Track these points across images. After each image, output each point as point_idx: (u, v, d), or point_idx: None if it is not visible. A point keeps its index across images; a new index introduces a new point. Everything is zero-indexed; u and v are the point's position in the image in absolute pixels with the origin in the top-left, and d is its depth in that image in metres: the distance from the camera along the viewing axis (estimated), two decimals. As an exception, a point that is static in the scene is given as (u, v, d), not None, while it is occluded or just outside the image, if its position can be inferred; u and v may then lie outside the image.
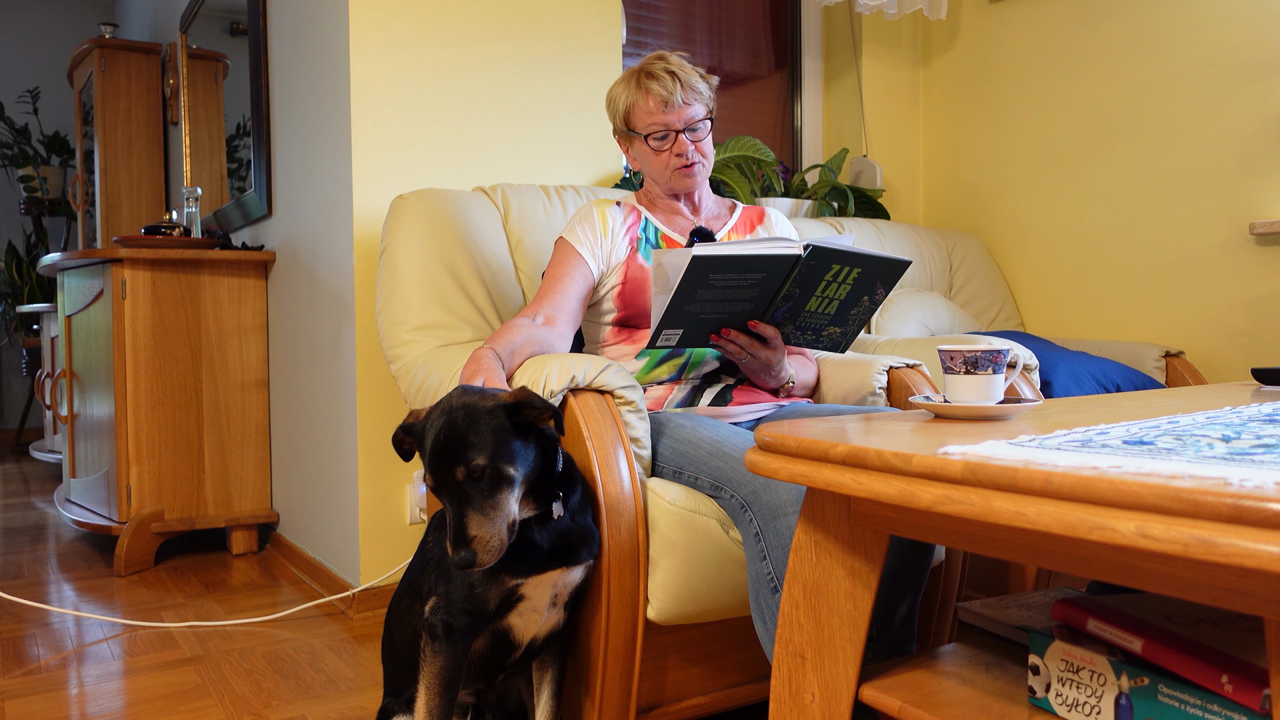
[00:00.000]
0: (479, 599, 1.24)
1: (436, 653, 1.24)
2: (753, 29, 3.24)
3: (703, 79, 1.72)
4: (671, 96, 1.65)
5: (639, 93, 1.68)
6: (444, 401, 1.19)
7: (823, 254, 1.45)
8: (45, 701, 1.76)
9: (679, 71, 1.68)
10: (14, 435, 5.58)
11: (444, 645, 1.23)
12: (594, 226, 1.71)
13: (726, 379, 1.67)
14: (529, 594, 1.27)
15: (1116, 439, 0.85)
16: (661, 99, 1.66)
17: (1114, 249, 2.78)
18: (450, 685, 1.24)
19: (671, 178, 1.71)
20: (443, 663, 1.24)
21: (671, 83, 1.66)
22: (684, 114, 1.67)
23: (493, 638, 1.31)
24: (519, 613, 1.29)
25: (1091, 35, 2.81)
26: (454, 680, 1.24)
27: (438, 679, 1.24)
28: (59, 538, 3.14)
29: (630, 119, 1.71)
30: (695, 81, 1.69)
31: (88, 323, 2.96)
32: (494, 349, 1.42)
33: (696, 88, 1.69)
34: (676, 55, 1.71)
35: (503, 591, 1.24)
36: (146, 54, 4.20)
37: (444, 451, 1.14)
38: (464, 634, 1.24)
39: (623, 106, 1.72)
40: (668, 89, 1.66)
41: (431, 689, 1.24)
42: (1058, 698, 0.95)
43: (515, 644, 1.32)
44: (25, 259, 5.33)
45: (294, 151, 2.62)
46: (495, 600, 1.24)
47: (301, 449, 2.63)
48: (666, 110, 1.66)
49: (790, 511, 1.27)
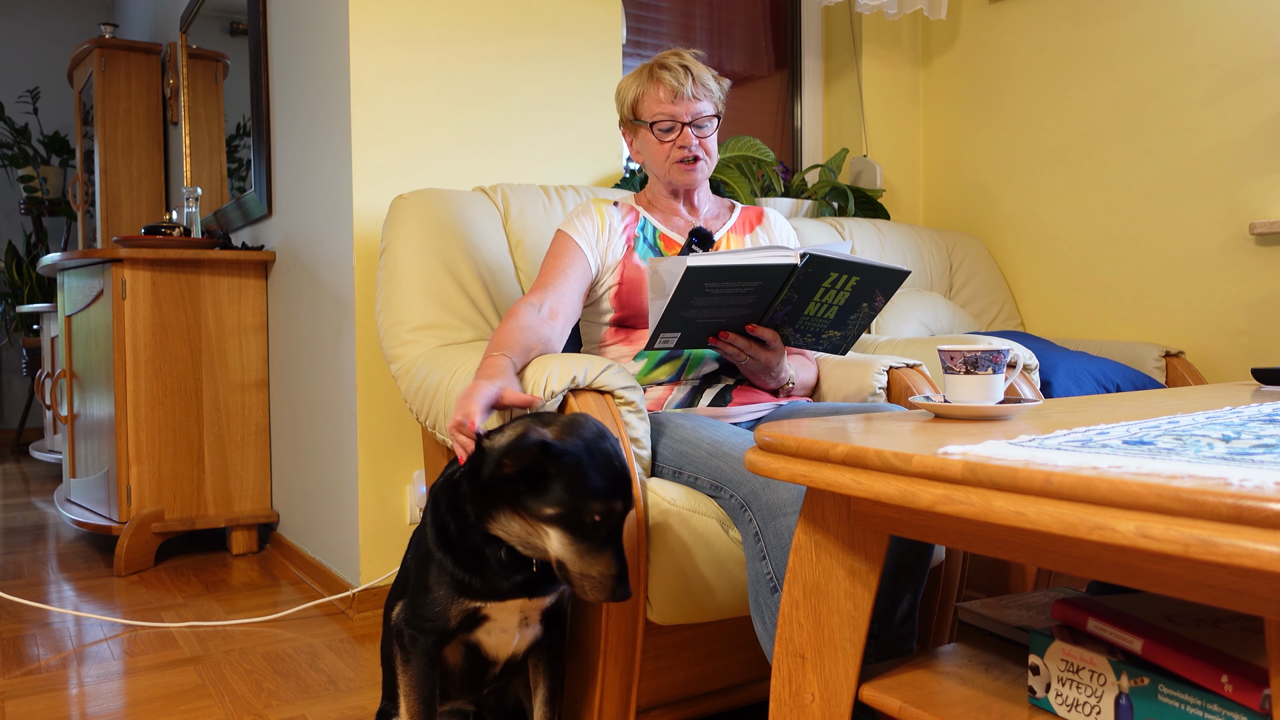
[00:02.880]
0: (439, 616, 1.24)
1: (406, 661, 1.26)
2: (753, 29, 3.24)
3: (715, 79, 1.72)
4: (682, 88, 1.66)
5: (650, 82, 1.69)
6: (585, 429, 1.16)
7: (820, 262, 1.45)
8: (45, 701, 1.76)
9: (692, 67, 1.69)
10: (14, 435, 5.58)
11: (410, 654, 1.25)
12: (593, 221, 1.71)
13: (726, 380, 1.67)
14: (495, 615, 1.26)
15: (1116, 439, 0.85)
16: (672, 89, 1.66)
17: (1114, 249, 2.78)
18: (423, 690, 1.25)
19: (671, 170, 1.71)
20: (414, 670, 1.25)
21: (683, 75, 1.67)
22: (692, 107, 1.67)
23: (467, 652, 1.31)
24: (487, 630, 1.28)
25: (1091, 35, 2.81)
26: (425, 685, 1.26)
27: (413, 686, 1.26)
28: (59, 538, 3.14)
29: (638, 108, 1.71)
30: (707, 78, 1.70)
31: (88, 323, 2.96)
32: (509, 356, 1.41)
33: (707, 84, 1.69)
34: (691, 53, 1.72)
35: (463, 610, 1.24)
36: (146, 54, 4.20)
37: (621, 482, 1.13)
38: (428, 646, 1.25)
39: (631, 96, 1.72)
40: (679, 80, 1.66)
41: (409, 695, 1.26)
42: (1058, 698, 0.95)
43: (491, 660, 1.32)
44: (25, 259, 5.33)
45: (294, 151, 2.62)
46: (456, 618, 1.25)
47: (301, 449, 2.63)
48: (675, 101, 1.67)
49: (789, 511, 1.27)
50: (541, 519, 1.13)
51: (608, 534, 1.13)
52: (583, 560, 1.12)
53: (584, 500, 1.11)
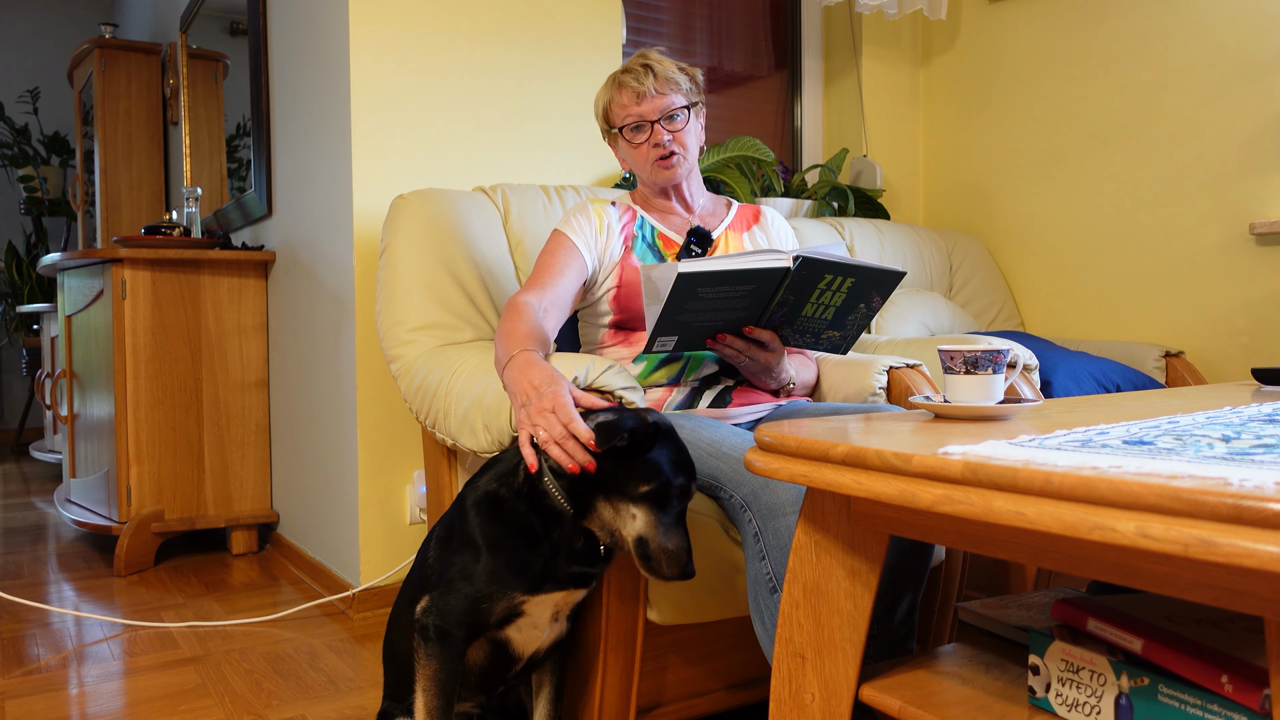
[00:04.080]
0: (483, 614, 1.24)
1: (430, 655, 1.24)
2: (753, 29, 3.24)
3: (683, 71, 1.71)
4: (643, 87, 1.66)
5: (615, 89, 1.70)
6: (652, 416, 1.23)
7: (814, 265, 1.44)
8: (45, 701, 1.76)
9: (654, 65, 1.68)
10: (14, 435, 5.58)
11: (437, 648, 1.24)
12: (590, 222, 1.71)
13: (726, 381, 1.67)
14: (531, 611, 1.27)
15: (1116, 439, 0.85)
16: (634, 91, 1.67)
17: (1114, 249, 2.78)
18: (446, 687, 1.24)
19: (652, 170, 1.71)
20: (437, 665, 1.24)
21: (644, 74, 1.67)
22: (658, 103, 1.67)
23: (492, 649, 1.31)
24: (518, 627, 1.28)
25: (1092, 35, 2.81)
26: (450, 682, 1.24)
27: (433, 681, 1.24)
28: (59, 538, 3.14)
29: (609, 116, 1.72)
30: (671, 72, 1.69)
31: (88, 323, 2.96)
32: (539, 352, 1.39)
33: (672, 78, 1.68)
34: (656, 51, 1.72)
35: (509, 607, 1.24)
36: (146, 54, 4.20)
37: (692, 464, 1.25)
38: (459, 640, 1.24)
39: (602, 106, 1.74)
40: (639, 80, 1.67)
41: (429, 691, 1.24)
42: (1058, 698, 0.95)
43: (515, 657, 1.32)
44: (25, 259, 5.33)
45: (294, 151, 2.62)
46: (501, 613, 1.24)
47: (301, 449, 2.63)
48: (639, 101, 1.67)
49: (789, 512, 1.27)
50: (634, 498, 1.20)
51: (679, 512, 1.21)
52: (664, 536, 1.20)
53: (673, 477, 1.20)
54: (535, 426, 1.22)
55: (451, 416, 1.59)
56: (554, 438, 1.20)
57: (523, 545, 1.24)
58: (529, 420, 1.24)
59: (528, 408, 1.25)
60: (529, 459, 1.22)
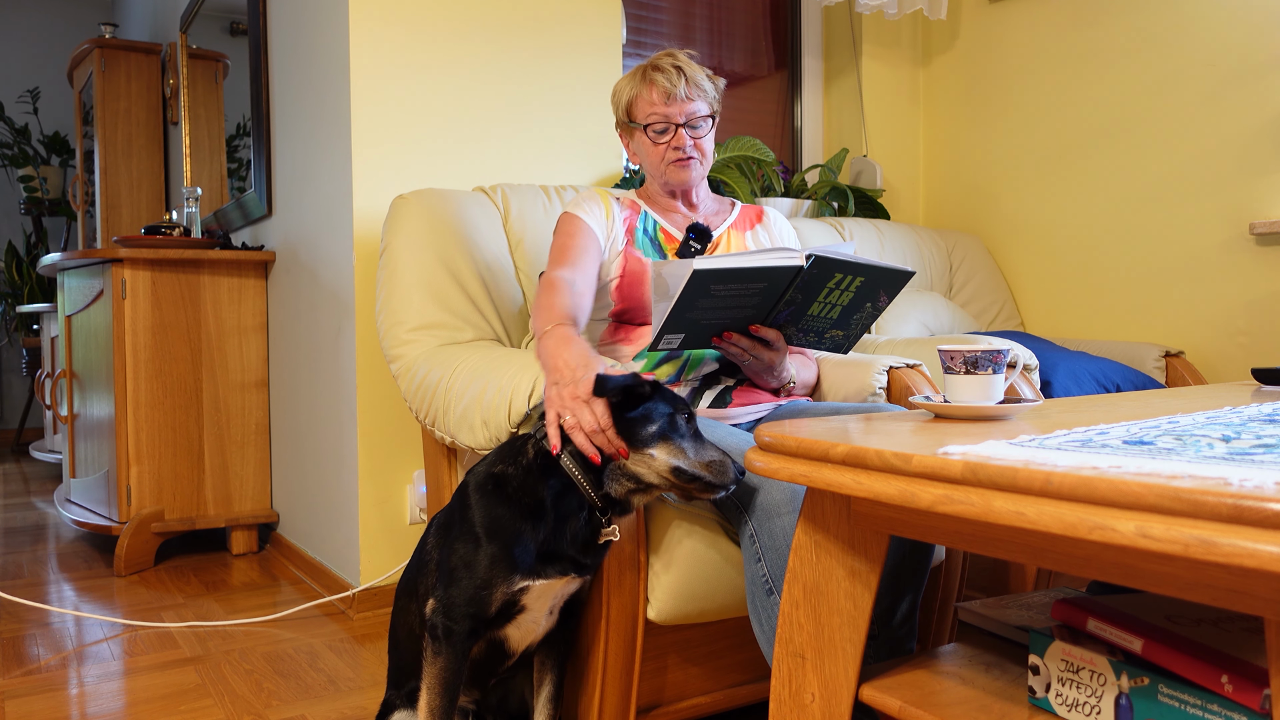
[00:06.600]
0: (483, 601, 1.24)
1: (437, 653, 1.25)
2: (753, 29, 3.24)
3: (710, 79, 1.72)
4: (675, 89, 1.66)
5: (643, 84, 1.69)
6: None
7: (826, 263, 1.45)
8: (45, 701, 1.76)
9: (685, 67, 1.68)
10: (14, 435, 5.58)
11: (444, 646, 1.24)
12: (599, 205, 1.71)
13: (726, 380, 1.67)
14: (530, 605, 1.27)
15: (1116, 439, 0.85)
16: (665, 91, 1.66)
17: (1114, 249, 2.78)
18: (451, 686, 1.25)
19: (666, 170, 1.71)
20: (443, 664, 1.24)
21: (676, 76, 1.66)
22: (685, 108, 1.67)
23: (488, 646, 1.32)
24: (517, 624, 1.29)
25: (1091, 35, 2.81)
26: (455, 681, 1.25)
27: (439, 679, 1.25)
28: (59, 538, 3.14)
29: (632, 110, 1.71)
30: (701, 79, 1.69)
31: (88, 323, 2.96)
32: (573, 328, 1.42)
33: (701, 85, 1.69)
34: (685, 54, 1.72)
35: (509, 593, 1.25)
36: (146, 54, 4.20)
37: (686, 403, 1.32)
38: (464, 637, 1.25)
39: (626, 98, 1.72)
40: (671, 81, 1.66)
41: (433, 689, 1.25)
42: (1058, 698, 0.95)
43: (509, 653, 1.33)
44: (25, 259, 5.33)
45: (294, 151, 2.62)
46: (499, 602, 1.24)
47: (301, 449, 2.63)
48: (669, 103, 1.66)
49: (784, 512, 1.27)
50: (647, 441, 1.23)
51: (696, 431, 1.26)
52: (694, 453, 1.23)
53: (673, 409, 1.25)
54: (565, 409, 1.23)
55: (451, 414, 1.60)
56: (585, 430, 1.22)
57: (527, 525, 1.25)
58: (559, 400, 1.25)
59: (559, 386, 1.26)
60: (553, 440, 1.23)
